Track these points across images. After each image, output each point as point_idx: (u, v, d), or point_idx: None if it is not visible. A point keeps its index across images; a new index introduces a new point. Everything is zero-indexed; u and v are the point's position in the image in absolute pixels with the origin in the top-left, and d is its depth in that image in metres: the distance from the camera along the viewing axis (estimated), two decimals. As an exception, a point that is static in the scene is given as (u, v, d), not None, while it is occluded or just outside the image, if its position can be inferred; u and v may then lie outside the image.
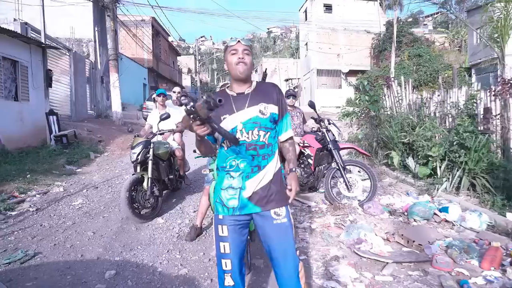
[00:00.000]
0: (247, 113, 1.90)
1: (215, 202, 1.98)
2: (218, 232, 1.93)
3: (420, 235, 3.66)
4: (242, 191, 1.87)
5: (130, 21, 19.80)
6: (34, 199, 5.19)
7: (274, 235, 1.89)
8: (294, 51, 46.28)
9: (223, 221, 1.92)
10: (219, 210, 1.94)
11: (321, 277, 2.97)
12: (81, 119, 12.45)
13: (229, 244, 1.90)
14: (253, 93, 1.96)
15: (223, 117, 1.90)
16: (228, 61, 1.95)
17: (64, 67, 11.78)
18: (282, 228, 1.90)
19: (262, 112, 1.91)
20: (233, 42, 1.94)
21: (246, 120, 1.89)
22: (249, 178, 1.87)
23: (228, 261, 1.90)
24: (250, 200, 1.87)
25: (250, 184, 1.87)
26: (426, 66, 22.32)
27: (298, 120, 5.42)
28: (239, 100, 1.93)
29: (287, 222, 1.92)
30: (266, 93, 1.98)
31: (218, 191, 1.96)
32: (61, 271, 3.04)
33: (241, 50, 1.91)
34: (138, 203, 4.23)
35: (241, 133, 1.88)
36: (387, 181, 6.14)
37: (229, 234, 1.90)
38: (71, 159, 7.77)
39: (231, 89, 2.00)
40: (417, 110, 7.47)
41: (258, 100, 1.93)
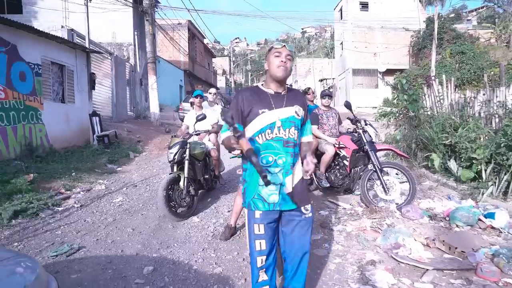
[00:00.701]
0: (285, 111, 2.04)
1: (252, 199, 2.01)
2: (254, 230, 2.01)
3: (463, 242, 3.48)
4: (282, 187, 1.98)
5: (167, 24, 20.41)
6: (78, 195, 5.48)
7: (298, 228, 2.05)
8: (329, 50, 45.62)
9: (260, 220, 2.00)
10: (259, 206, 2.00)
11: (357, 281, 2.91)
12: (121, 120, 12.98)
13: (265, 241, 2.00)
14: (288, 95, 2.11)
15: (261, 111, 2.01)
16: (270, 61, 2.05)
17: (106, 70, 12.35)
18: (308, 222, 2.09)
19: (297, 113, 2.07)
20: (279, 45, 2.04)
21: (284, 118, 2.02)
22: (288, 175, 1.99)
23: (263, 258, 2.00)
24: (289, 195, 2.00)
25: (288, 181, 1.99)
26: (469, 63, 21.16)
27: (333, 121, 5.33)
28: (277, 99, 2.06)
29: (312, 216, 2.12)
30: (298, 97, 2.16)
31: (256, 188, 2.00)
32: (102, 265, 3.18)
33: (285, 55, 2.01)
34: (175, 202, 4.34)
35: (278, 130, 2.00)
36: (427, 184, 5.90)
37: (265, 232, 2.00)
38: (112, 158, 8.13)
39: (267, 87, 2.11)
40: (460, 110, 7.11)
41: (293, 102, 2.09)
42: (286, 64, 2.01)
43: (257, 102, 2.04)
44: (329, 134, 5.23)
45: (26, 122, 7.14)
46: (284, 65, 2.00)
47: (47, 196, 5.06)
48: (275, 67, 2.01)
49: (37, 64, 7.61)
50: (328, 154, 5.02)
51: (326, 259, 3.33)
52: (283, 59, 2.00)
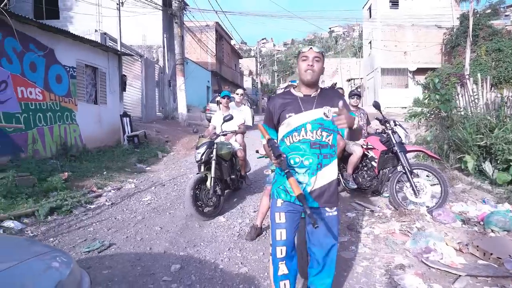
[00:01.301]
0: (313, 114, 2.06)
1: (277, 188, 2.10)
2: (275, 219, 2.07)
3: (499, 248, 3.32)
4: (307, 186, 2.03)
5: (195, 26, 20.72)
6: (109, 194, 5.67)
7: (322, 224, 2.06)
8: (357, 50, 44.80)
9: (281, 208, 2.07)
10: (282, 195, 2.08)
11: (385, 285, 2.84)
12: (150, 120, 13.32)
13: (285, 230, 2.04)
14: (319, 96, 2.12)
15: (288, 115, 2.07)
16: (299, 67, 2.10)
17: (136, 72, 12.71)
18: (331, 219, 2.09)
19: (326, 115, 2.05)
20: (305, 48, 2.08)
21: (311, 120, 2.04)
22: (314, 175, 2.03)
23: (283, 248, 2.04)
24: (311, 194, 2.03)
25: (314, 181, 2.03)
26: (507, 61, 20.14)
27: (362, 121, 5.24)
28: (306, 101, 2.10)
29: (337, 214, 2.13)
30: (330, 97, 2.13)
31: (283, 180, 2.06)
32: (132, 262, 3.28)
33: (312, 57, 2.04)
34: (202, 201, 4.41)
35: (305, 132, 2.04)
36: (459, 187, 5.67)
37: (286, 221, 2.05)
38: (141, 158, 8.35)
39: (298, 90, 2.16)
40: (496, 110, 6.77)
41: (323, 103, 2.08)
42: (313, 67, 2.03)
43: (285, 106, 2.10)
44: (357, 135, 5.13)
45: (61, 123, 7.47)
46: (311, 68, 2.03)
47: (81, 194, 5.28)
48: (303, 71, 2.06)
49: (72, 67, 7.95)
50: (356, 155, 4.93)
51: (353, 261, 3.27)
52: (310, 62, 2.03)
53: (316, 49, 2.06)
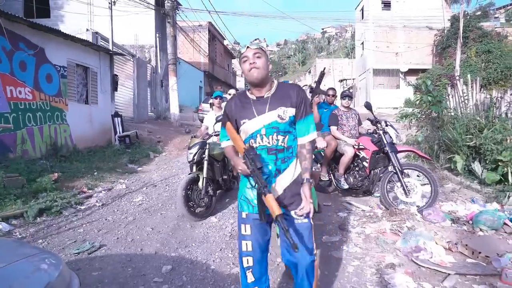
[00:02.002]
0: (267, 117, 1.91)
1: (240, 200, 2.02)
2: (241, 230, 1.99)
3: (487, 246, 3.36)
4: None
5: (188, 26, 20.66)
6: (100, 195, 5.62)
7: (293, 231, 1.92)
8: (349, 51, 45.07)
9: (246, 220, 1.97)
10: (244, 207, 1.99)
11: (376, 284, 2.86)
12: (142, 120, 13.24)
13: (251, 242, 1.95)
14: (273, 96, 1.95)
15: (243, 121, 1.94)
16: (243, 69, 1.95)
17: (128, 72, 12.63)
18: (302, 227, 1.93)
19: (280, 117, 1.91)
20: (243, 49, 1.96)
21: (266, 125, 1.91)
22: (272, 182, 1.91)
23: (249, 258, 1.96)
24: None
25: (273, 187, 1.91)
26: (496, 63, 20.44)
27: (353, 122, 5.27)
28: (259, 104, 1.94)
29: (308, 222, 1.95)
30: (286, 95, 1.96)
31: (244, 189, 2.00)
32: (122, 263, 3.25)
33: (252, 55, 1.90)
34: (193, 202, 4.39)
35: (261, 138, 1.91)
36: (449, 187, 5.74)
37: (251, 233, 1.96)
38: (133, 158, 8.30)
39: (251, 92, 2.01)
40: (486, 111, 6.87)
41: (277, 104, 1.93)
42: (256, 64, 1.88)
43: (240, 111, 1.97)
44: (349, 135, 5.16)
45: (51, 123, 7.39)
46: (254, 66, 1.88)
47: (71, 195, 5.22)
48: (247, 72, 1.91)
49: (63, 66, 7.87)
50: (347, 155, 4.96)
51: (344, 261, 3.29)
52: (251, 60, 1.89)
53: (253, 46, 1.93)
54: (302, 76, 48.99)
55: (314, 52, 62.98)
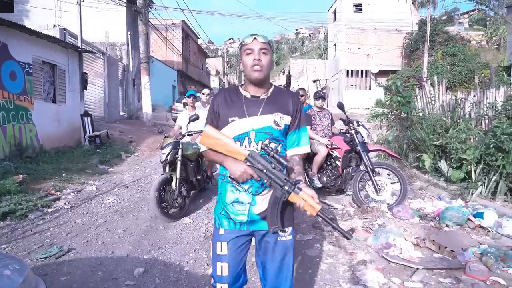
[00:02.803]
0: (260, 120, 1.68)
1: (219, 214, 1.73)
2: (217, 250, 1.70)
3: (453, 241, 3.52)
4: (252, 207, 1.66)
5: (161, 24, 20.34)
6: (69, 197, 5.43)
7: (275, 252, 1.70)
8: (322, 52, 45.81)
9: (224, 237, 1.70)
10: (224, 223, 1.71)
11: (348, 281, 2.92)
12: (113, 120, 12.90)
13: (227, 264, 1.68)
14: (269, 99, 1.73)
15: (231, 119, 1.69)
16: (244, 62, 1.69)
17: (98, 70, 12.26)
18: (285, 246, 1.71)
19: (277, 123, 1.69)
20: (248, 39, 1.68)
21: (257, 128, 1.67)
22: (259, 193, 1.66)
23: (224, 286, 1.69)
24: (260, 215, 1.67)
25: (260, 199, 1.66)
26: (461, 65, 21.42)
27: (326, 122, 5.36)
28: (253, 104, 1.70)
29: (291, 240, 1.73)
30: (284, 102, 1.75)
31: (223, 203, 1.73)
32: (92, 267, 3.16)
33: (258, 50, 1.66)
34: (167, 203, 4.32)
35: (249, 142, 1.67)
36: (417, 185, 5.95)
37: (228, 253, 1.68)
38: (104, 159, 8.07)
39: (245, 89, 1.76)
40: (451, 112, 7.17)
41: (273, 108, 1.71)
42: (261, 62, 1.65)
43: (230, 107, 1.71)
44: (322, 135, 5.25)
45: (16, 122, 7.05)
46: (258, 63, 1.64)
47: (37, 197, 5.01)
48: (249, 68, 1.66)
49: (28, 63, 7.52)
50: (321, 154, 5.04)
51: (317, 259, 3.33)
52: (256, 55, 1.65)
53: (261, 38, 1.66)
54: (276, 76, 49.32)
55: (288, 53, 63.58)
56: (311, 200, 1.55)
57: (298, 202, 1.56)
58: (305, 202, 1.55)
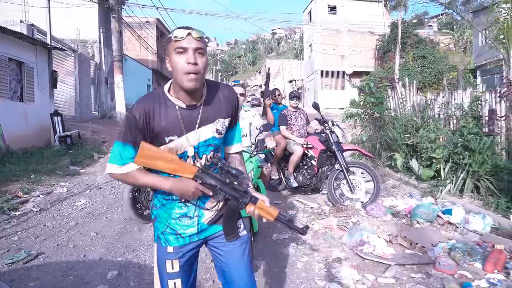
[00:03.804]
0: (200, 134, 1.47)
1: (163, 233, 1.56)
2: (166, 269, 1.55)
3: (423, 237, 3.64)
4: (201, 219, 1.55)
5: (134, 22, 19.90)
6: (37, 199, 5.22)
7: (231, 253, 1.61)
8: (298, 52, 46.28)
9: (174, 255, 1.55)
10: (172, 241, 1.54)
11: (323, 278, 2.96)
12: (85, 119, 12.53)
13: (180, 280, 1.56)
14: (205, 104, 1.48)
15: (168, 139, 1.42)
16: (173, 63, 1.35)
17: (69, 68, 11.87)
18: (242, 241, 1.62)
19: (219, 132, 1.51)
20: (181, 33, 1.33)
21: (199, 143, 1.48)
22: (205, 204, 1.54)
23: None
24: (209, 223, 1.57)
25: (207, 210, 1.56)
26: (430, 67, 22.23)
27: (301, 122, 5.41)
28: (190, 116, 1.44)
29: (246, 235, 1.64)
30: (221, 101, 1.53)
31: (168, 221, 1.55)
32: (63, 271, 3.05)
33: (193, 50, 1.33)
34: (141, 204, 4.24)
35: (193, 159, 1.48)
36: (390, 183, 6.11)
37: (181, 269, 1.56)
38: (75, 160, 7.81)
39: (175, 95, 1.44)
40: (421, 112, 7.42)
41: (213, 114, 1.49)
42: (198, 66, 1.33)
43: (163, 123, 1.41)
44: (298, 135, 5.30)
45: (-20, 122, 6.72)
46: (194, 68, 1.32)
47: (3, 200, 4.79)
48: (181, 74, 1.33)
49: (-8, 60, 7.19)
50: (296, 154, 5.08)
51: (293, 258, 3.36)
52: (192, 58, 1.32)
53: (196, 34, 1.34)
54: (252, 76, 49.43)
55: (264, 53, 63.85)
56: (268, 208, 1.46)
57: (256, 212, 1.46)
58: (263, 211, 1.46)
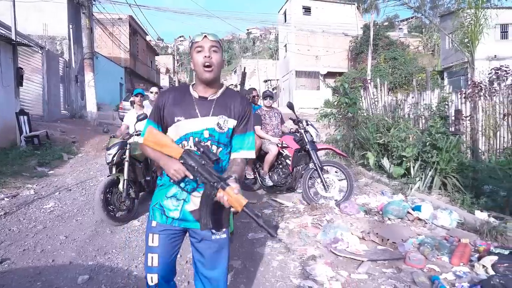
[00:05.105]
0: (204, 122, 1.69)
1: (154, 207, 1.77)
2: (149, 241, 1.74)
3: (394, 233, 3.75)
4: (185, 204, 1.70)
5: (106, 19, 19.38)
6: (2, 202, 4.98)
7: (210, 248, 1.74)
8: (273, 52, 46.56)
9: (156, 229, 1.73)
10: (156, 216, 1.74)
11: (298, 276, 2.99)
12: (54, 119, 12.06)
13: (157, 256, 1.72)
14: (217, 101, 1.73)
15: (177, 119, 1.69)
16: (194, 60, 1.70)
17: (36, 65, 11.39)
18: (219, 243, 1.74)
19: (220, 126, 1.71)
20: (199, 37, 1.69)
21: (201, 130, 1.69)
22: (194, 192, 1.69)
23: (154, 276, 1.73)
24: (192, 214, 1.70)
25: (194, 198, 1.68)
26: (401, 69, 22.95)
27: (276, 121, 5.44)
28: (199, 105, 1.71)
29: (225, 238, 1.76)
30: (231, 105, 1.75)
31: (161, 197, 1.76)
32: (30, 277, 2.93)
33: (208, 47, 1.67)
34: (113, 206, 4.14)
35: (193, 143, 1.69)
36: (363, 181, 6.25)
37: (159, 245, 1.72)
38: (43, 161, 7.51)
39: (195, 89, 1.76)
40: (392, 112, 7.65)
41: (219, 111, 1.72)
42: (211, 59, 1.66)
43: (176, 106, 1.71)
44: (272, 134, 5.32)
45: None
46: (209, 60, 1.65)
47: (-36, 203, 4.54)
48: (200, 66, 1.66)
49: (-49, 56, 6.80)
50: (272, 153, 5.11)
51: (269, 256, 3.38)
52: (207, 53, 1.65)
53: (211, 37, 1.68)
54: (228, 75, 49.26)
55: (240, 52, 63.81)
56: (235, 196, 1.49)
57: (225, 197, 1.50)
58: (230, 197, 1.49)
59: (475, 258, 3.21)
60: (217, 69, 1.69)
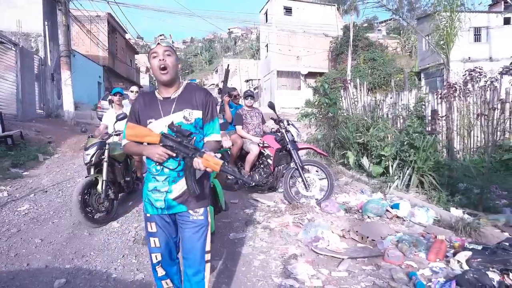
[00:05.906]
0: (172, 118, 1.93)
1: (145, 202, 2.05)
2: (148, 228, 2.04)
3: (373, 231, 3.82)
4: (168, 194, 1.95)
5: (84, 16, 18.90)
6: (-26, 205, 4.79)
7: (188, 230, 1.99)
8: (254, 52, 46.59)
9: (151, 219, 2.02)
10: (148, 209, 2.02)
11: (280, 275, 3.01)
12: (28, 118, 11.67)
13: (158, 239, 2.01)
14: (179, 97, 1.98)
15: (149, 121, 1.94)
16: (152, 65, 1.93)
17: (9, 63, 10.99)
18: (196, 224, 1.99)
19: (186, 118, 1.94)
20: (153, 45, 1.93)
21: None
22: (175, 182, 1.94)
23: (158, 254, 2.03)
24: (175, 200, 1.95)
25: (176, 187, 1.94)
26: (380, 69, 23.40)
27: (257, 120, 5.45)
28: (166, 105, 1.96)
29: (203, 220, 2.01)
30: (193, 98, 1.99)
31: (146, 191, 2.03)
32: (4, 282, 2.83)
33: (162, 52, 1.90)
34: (92, 207, 4.04)
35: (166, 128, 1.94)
36: (343, 180, 6.34)
37: (157, 230, 2.01)
38: (17, 162, 7.26)
39: (159, 92, 2.01)
40: (371, 112, 7.78)
41: (183, 105, 1.96)
42: (166, 62, 1.89)
43: (147, 109, 1.97)
44: (253, 134, 5.33)
45: None
46: (164, 63, 1.88)
47: None
48: (156, 70, 1.91)
49: None
50: (253, 153, 5.11)
51: (250, 256, 3.38)
52: (161, 56, 1.88)
53: (164, 43, 1.92)
54: (209, 75, 49.01)
55: (221, 52, 63.57)
56: (213, 159, 1.77)
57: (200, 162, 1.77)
58: (208, 162, 1.77)
59: (451, 254, 3.31)
60: (172, 71, 1.92)
